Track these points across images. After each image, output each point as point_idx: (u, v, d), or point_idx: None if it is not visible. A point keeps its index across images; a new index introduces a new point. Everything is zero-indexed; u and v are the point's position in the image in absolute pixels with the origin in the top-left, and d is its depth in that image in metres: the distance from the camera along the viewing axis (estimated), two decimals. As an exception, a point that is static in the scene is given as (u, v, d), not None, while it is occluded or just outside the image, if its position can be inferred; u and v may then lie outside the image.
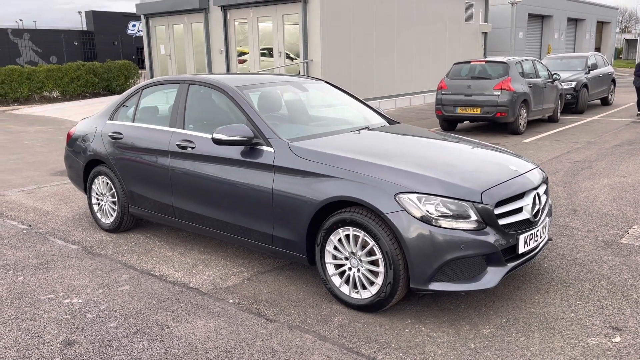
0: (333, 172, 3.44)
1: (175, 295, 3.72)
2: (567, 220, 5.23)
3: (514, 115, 10.70)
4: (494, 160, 3.77)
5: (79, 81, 18.88)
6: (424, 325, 3.25)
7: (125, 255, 4.54)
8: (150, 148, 4.54)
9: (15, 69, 17.77)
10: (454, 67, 11.73)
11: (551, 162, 8.07)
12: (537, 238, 3.52)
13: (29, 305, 3.62)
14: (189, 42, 18.16)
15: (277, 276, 4.03)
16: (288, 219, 3.64)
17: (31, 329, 3.28)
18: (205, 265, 4.28)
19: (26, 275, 4.14)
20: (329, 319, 3.35)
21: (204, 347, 3.04)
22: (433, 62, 18.47)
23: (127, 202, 4.89)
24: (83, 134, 5.30)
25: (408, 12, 17.22)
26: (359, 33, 15.50)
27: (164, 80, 4.90)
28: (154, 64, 19.74)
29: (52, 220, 5.56)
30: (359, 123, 4.56)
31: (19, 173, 7.96)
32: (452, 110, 11.21)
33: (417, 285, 3.19)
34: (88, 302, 3.64)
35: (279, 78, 4.99)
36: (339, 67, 15.02)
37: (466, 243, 3.12)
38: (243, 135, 3.79)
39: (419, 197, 3.17)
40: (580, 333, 3.11)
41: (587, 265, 4.09)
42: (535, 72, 11.93)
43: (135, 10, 19.47)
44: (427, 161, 3.60)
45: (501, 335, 3.11)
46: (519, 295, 3.62)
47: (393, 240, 3.18)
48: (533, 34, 27.99)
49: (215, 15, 16.84)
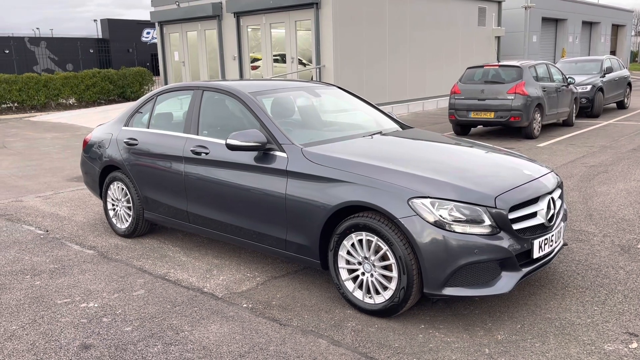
0: (346, 177, 3.45)
1: (189, 300, 3.75)
2: (582, 225, 5.18)
3: (528, 119, 10.63)
4: (508, 165, 3.75)
5: (95, 88, 19.13)
6: (437, 330, 3.24)
7: (140, 260, 4.58)
8: (165, 154, 4.58)
9: (33, 76, 18.06)
10: (467, 72, 11.70)
11: (566, 167, 7.99)
12: (552, 243, 3.49)
13: (46, 309, 3.67)
14: (203, 49, 18.31)
15: (291, 281, 4.04)
16: (301, 224, 3.65)
17: (48, 333, 3.32)
18: (219, 270, 4.31)
19: (43, 279, 4.19)
20: (343, 323, 3.35)
21: (218, 351, 3.06)
22: (446, 66, 18.42)
23: (142, 208, 4.94)
24: (99, 140, 5.37)
25: (420, 17, 17.21)
26: (371, 38, 15.52)
27: (178, 86, 4.95)
28: (168, 71, 19.93)
29: (68, 226, 5.63)
30: (371, 128, 4.57)
31: (36, 179, 8.07)
32: (466, 115, 11.17)
33: (430, 290, 3.18)
34: (104, 307, 3.68)
35: (291, 84, 5.02)
36: (351, 73, 15.05)
37: (480, 248, 3.11)
38: (256, 140, 3.81)
39: (432, 202, 3.16)
40: (597, 339, 3.07)
41: (603, 271, 4.04)
42: (550, 76, 11.84)
43: (149, 18, 19.69)
44: (440, 166, 3.59)
45: (516, 341, 3.08)
46: (534, 300, 3.59)
47: (406, 245, 3.18)
48: (547, 38, 27.81)
49: (229, 22, 16.98)
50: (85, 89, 18.93)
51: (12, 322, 3.47)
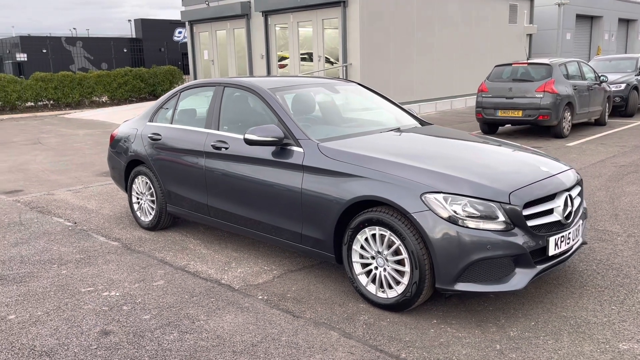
0: (360, 172, 3.48)
1: (207, 291, 3.83)
2: (607, 224, 5.08)
3: (557, 118, 10.43)
4: (525, 161, 3.71)
5: (126, 86, 19.58)
6: (449, 325, 3.24)
7: (162, 252, 4.70)
8: (187, 149, 4.69)
9: (67, 75, 18.59)
10: (495, 70, 11.54)
11: (595, 166, 7.83)
12: (569, 240, 3.45)
13: (70, 297, 3.80)
14: (231, 48, 18.53)
15: (307, 274, 4.09)
16: (316, 218, 3.70)
17: (71, 319, 3.45)
18: (238, 262, 4.39)
19: (69, 269, 4.34)
20: (355, 317, 3.38)
21: (231, 340, 3.13)
22: (475, 64, 18.18)
23: (164, 201, 5.06)
24: (125, 135, 5.52)
25: (449, 14, 17.05)
26: (398, 36, 15.45)
27: (200, 83, 5.05)
28: (197, 69, 20.23)
29: (95, 218, 5.81)
30: (390, 124, 4.58)
31: (67, 174, 8.33)
32: (493, 113, 11.03)
33: (442, 285, 3.18)
34: (125, 295, 3.79)
35: (311, 80, 5.06)
36: (377, 70, 15.01)
37: (493, 244, 3.09)
38: (274, 135, 3.87)
39: (445, 197, 3.17)
40: (612, 338, 3.03)
41: (624, 270, 3.97)
42: (581, 74, 11.60)
43: (180, 18, 20.02)
44: (455, 162, 3.58)
45: (528, 338, 3.06)
46: (550, 298, 3.55)
47: (419, 240, 3.19)
48: (581, 36, 27.15)
49: (257, 21, 17.14)
50: (117, 87, 19.39)
51: (38, 308, 3.62)
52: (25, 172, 8.54)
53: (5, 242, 5.06)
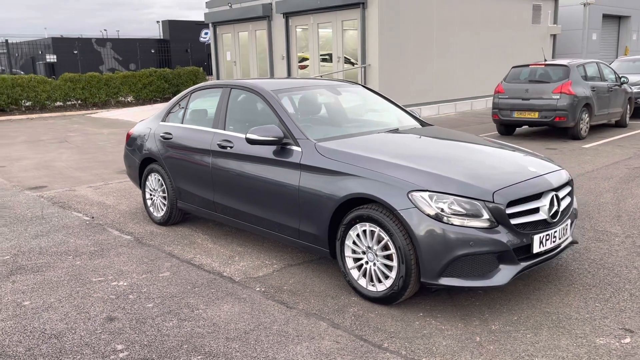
0: (352, 171, 3.64)
1: (208, 282, 4.04)
2: (607, 225, 5.12)
3: (574, 119, 10.39)
4: (513, 162, 3.82)
5: (151, 87, 20.07)
6: (434, 318, 3.37)
7: (170, 245, 4.93)
8: (195, 147, 4.91)
9: (94, 75, 19.16)
10: (512, 71, 11.53)
11: (608, 168, 7.81)
12: (555, 239, 3.55)
13: (81, 285, 4.05)
14: (253, 49, 18.83)
15: (305, 269, 4.26)
16: (312, 214, 3.87)
17: (80, 306, 3.69)
18: (241, 256, 4.59)
19: (83, 260, 4.61)
20: (345, 309, 3.54)
21: (226, 327, 3.32)
22: (497, 65, 18.07)
23: (175, 198, 5.29)
24: (139, 134, 5.78)
25: (470, 14, 17.01)
26: (418, 36, 15.51)
27: (209, 85, 5.27)
28: (220, 70, 20.60)
29: (112, 213, 6.08)
30: (389, 125, 4.72)
31: (89, 171, 8.67)
32: (509, 115, 11.03)
33: (427, 279, 3.32)
34: (132, 285, 4.03)
35: (314, 82, 5.23)
36: (396, 71, 15.10)
37: (476, 240, 3.22)
38: (274, 135, 4.06)
39: (430, 195, 3.30)
40: (590, 333, 3.12)
41: (615, 270, 4.04)
42: (601, 76, 11.50)
43: (203, 19, 20.42)
44: (445, 161, 3.71)
45: (509, 332, 3.18)
46: (537, 295, 3.65)
47: (405, 236, 3.33)
48: (608, 36, 26.68)
49: (278, 22, 17.39)
50: (142, 88, 19.90)
51: (51, 295, 3.87)
52: (50, 169, 8.92)
53: (26, 234, 5.36)
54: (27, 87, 17.79)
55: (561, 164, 8.19)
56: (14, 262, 4.57)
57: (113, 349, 3.11)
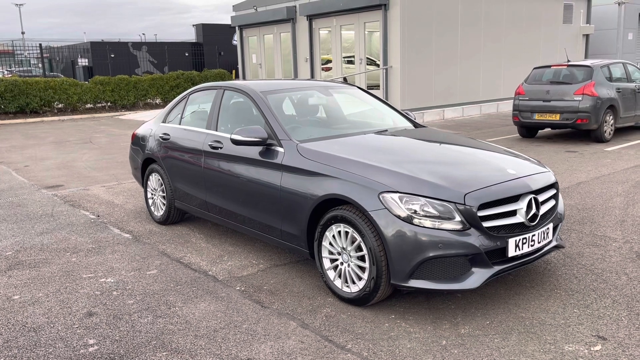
0: (329, 172, 3.64)
1: (192, 281, 4.11)
2: (608, 230, 4.96)
3: (597, 122, 10.09)
4: (493, 164, 3.75)
5: (178, 89, 20.47)
6: (405, 321, 3.34)
7: (164, 244, 5.03)
8: (190, 147, 5.00)
9: (123, 78, 19.68)
10: (533, 72, 11.28)
11: (625, 172, 7.56)
12: (533, 242, 3.46)
13: (71, 281, 4.18)
14: (278, 51, 18.98)
15: (290, 269, 4.28)
16: (292, 214, 3.89)
17: (65, 301, 3.81)
18: (230, 256, 4.64)
19: (79, 257, 4.75)
20: (319, 309, 3.54)
21: (197, 325, 3.37)
22: (525, 66, 17.65)
23: (173, 197, 5.39)
24: (142, 135, 5.92)
25: (497, 14, 16.72)
26: (441, 38, 15.33)
27: (205, 86, 5.36)
28: (246, 73, 20.84)
29: (117, 212, 6.24)
30: (379, 126, 4.70)
31: (106, 171, 8.92)
32: (530, 117, 10.78)
33: (397, 281, 3.29)
34: (118, 282, 4.13)
35: (306, 84, 5.25)
36: (419, 73, 14.96)
37: (445, 243, 3.17)
38: (257, 136, 4.09)
39: (400, 197, 3.28)
40: (561, 339, 3.04)
41: (604, 276, 3.91)
42: (627, 76, 11.13)
43: (230, 22, 20.70)
44: (422, 163, 3.68)
45: (477, 336, 3.12)
46: (515, 300, 3.57)
47: (376, 237, 3.31)
48: (646, 35, 25.74)
49: (302, 25, 17.48)
50: (169, 90, 20.32)
51: (40, 290, 4.01)
52: (70, 168, 9.21)
53: (32, 231, 5.55)
54: (59, 90, 18.41)
55: (579, 167, 7.98)
56: (15, 258, 4.74)
57: (85, 343, 3.20)
